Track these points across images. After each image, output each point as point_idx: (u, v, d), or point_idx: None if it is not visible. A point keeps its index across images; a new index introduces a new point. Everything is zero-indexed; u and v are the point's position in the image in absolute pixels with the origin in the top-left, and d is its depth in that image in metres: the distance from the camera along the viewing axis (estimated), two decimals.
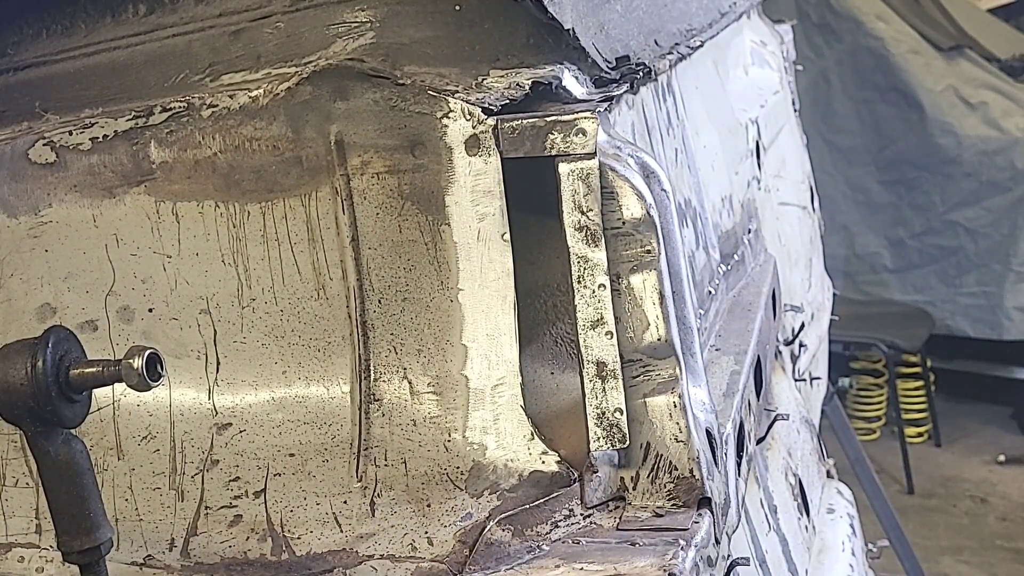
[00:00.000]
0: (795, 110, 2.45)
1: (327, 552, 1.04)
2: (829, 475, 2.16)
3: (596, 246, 0.99)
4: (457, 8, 1.00)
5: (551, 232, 1.02)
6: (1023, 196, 4.93)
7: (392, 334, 1.05)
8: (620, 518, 1.00)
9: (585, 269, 0.99)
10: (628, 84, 1.11)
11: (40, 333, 0.83)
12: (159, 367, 0.82)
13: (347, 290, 1.06)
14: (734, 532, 1.11)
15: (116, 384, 0.83)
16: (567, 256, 0.99)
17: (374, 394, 1.05)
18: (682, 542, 0.94)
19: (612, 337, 0.99)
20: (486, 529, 0.99)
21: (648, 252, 1.02)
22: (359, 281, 1.05)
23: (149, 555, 1.09)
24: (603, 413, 0.99)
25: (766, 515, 1.46)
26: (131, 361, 0.81)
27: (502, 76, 1.00)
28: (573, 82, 1.03)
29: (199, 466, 1.09)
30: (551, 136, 0.98)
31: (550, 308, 1.07)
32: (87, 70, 1.11)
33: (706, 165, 1.49)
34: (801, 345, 2.08)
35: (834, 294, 2.75)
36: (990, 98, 5.06)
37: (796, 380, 1.96)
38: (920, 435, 5.27)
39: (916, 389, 5.26)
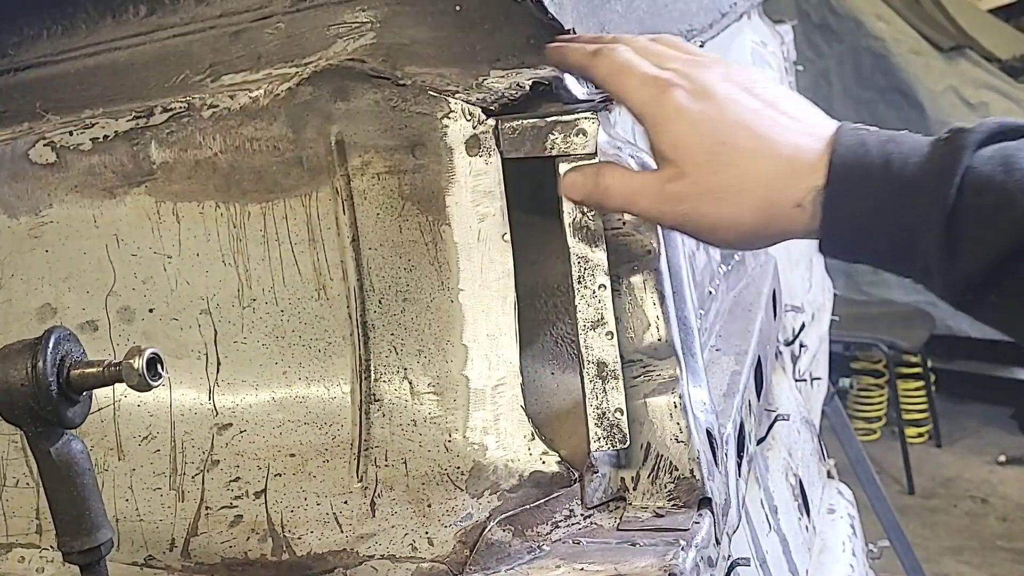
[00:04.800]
0: None
1: (327, 552, 1.04)
2: (830, 475, 2.17)
3: (596, 246, 0.99)
4: (457, 8, 1.00)
5: (551, 232, 1.02)
6: None
7: (392, 334, 1.05)
8: (620, 518, 1.00)
9: (585, 269, 0.99)
10: None
11: (41, 333, 0.83)
12: (159, 367, 0.82)
13: (347, 290, 1.06)
14: (735, 532, 1.11)
15: (117, 384, 0.83)
16: (567, 256, 0.99)
17: (374, 394, 1.05)
18: (683, 542, 0.94)
19: (612, 337, 0.99)
20: (486, 529, 0.99)
21: (648, 252, 1.03)
22: (359, 281, 1.05)
23: (150, 555, 1.09)
24: (603, 413, 0.99)
25: (766, 515, 1.46)
26: (131, 361, 0.81)
27: (502, 76, 1.00)
28: (574, 82, 1.03)
29: (200, 466, 1.09)
30: (551, 136, 0.98)
31: (550, 308, 1.07)
32: (87, 71, 1.11)
33: None
34: (802, 345, 2.08)
35: (835, 294, 2.75)
36: (990, 98, 5.06)
37: (797, 380, 1.96)
38: (921, 435, 5.27)
39: (917, 389, 5.27)
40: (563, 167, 0.98)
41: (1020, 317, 0.86)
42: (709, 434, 1.05)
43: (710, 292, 1.42)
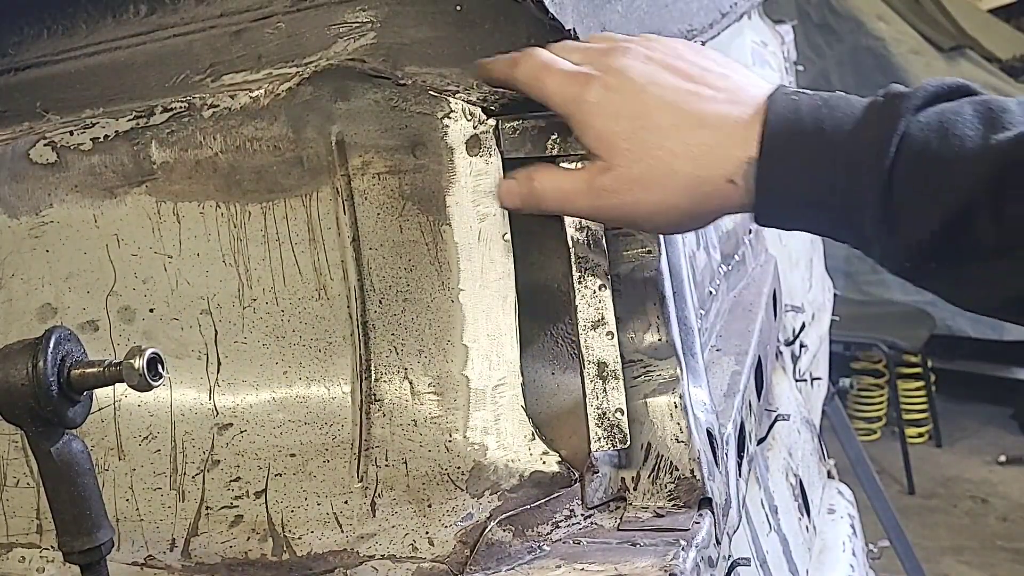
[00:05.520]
0: None
1: (328, 552, 1.04)
2: (830, 475, 2.17)
3: (597, 246, 0.99)
4: (458, 8, 1.00)
5: (551, 232, 1.02)
6: None
7: (393, 334, 1.05)
8: (621, 518, 1.00)
9: (586, 269, 0.99)
10: None
11: (41, 333, 0.83)
12: (160, 367, 0.82)
13: (348, 290, 1.06)
14: (735, 532, 1.11)
15: (117, 384, 0.82)
16: (568, 256, 0.99)
17: (375, 394, 1.05)
18: (683, 542, 0.94)
19: (613, 337, 0.99)
20: (487, 529, 0.99)
21: (649, 252, 1.03)
22: (360, 281, 1.05)
23: (150, 555, 1.09)
24: (604, 413, 0.99)
25: (767, 515, 1.46)
26: (132, 361, 0.81)
27: None
28: None
29: (200, 466, 1.09)
30: (552, 137, 0.98)
31: (550, 308, 1.07)
32: (88, 70, 1.11)
33: None
34: (802, 345, 2.08)
35: (835, 294, 2.75)
36: None
37: (797, 380, 1.96)
38: (921, 435, 5.27)
39: (917, 389, 5.27)
40: (564, 167, 0.98)
41: (960, 284, 0.85)
42: (709, 434, 1.05)
43: (710, 292, 1.42)
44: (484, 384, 1.03)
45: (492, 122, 1.00)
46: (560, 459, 1.02)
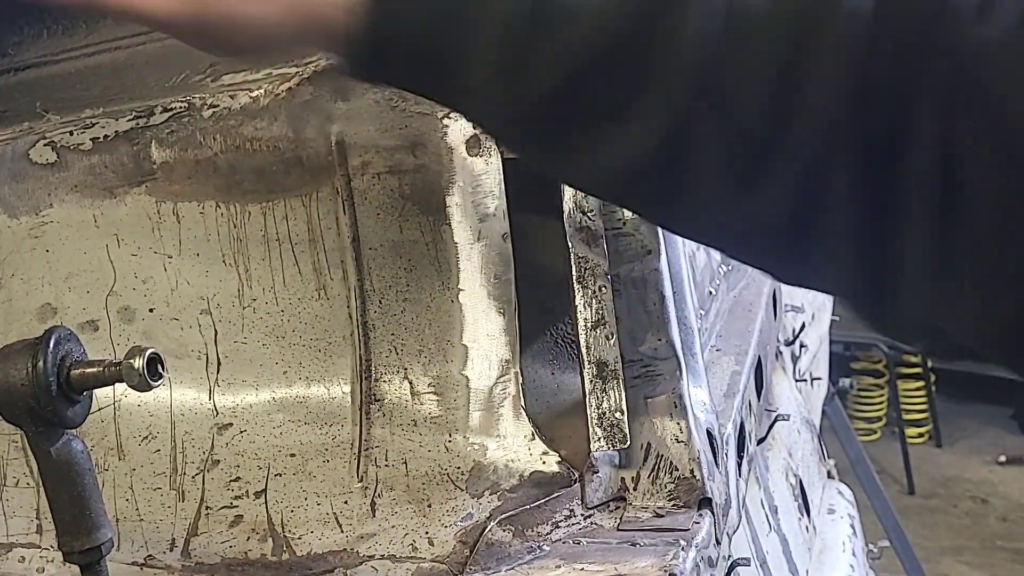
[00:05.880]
0: None
1: (328, 552, 1.04)
2: (830, 475, 2.16)
3: (596, 246, 0.99)
4: None
5: (551, 232, 1.02)
6: None
7: (393, 334, 1.05)
8: (621, 518, 1.00)
9: (586, 269, 0.99)
10: None
11: (41, 333, 0.83)
12: (160, 367, 0.82)
13: (348, 290, 1.06)
14: (735, 532, 1.11)
15: (117, 384, 0.82)
16: (567, 256, 0.99)
17: (375, 394, 1.05)
18: (683, 542, 0.94)
19: (613, 337, 0.99)
20: (487, 529, 0.99)
21: (648, 252, 1.02)
22: (360, 281, 1.05)
23: (150, 555, 1.09)
24: (604, 413, 0.99)
25: (767, 515, 1.46)
26: (132, 361, 0.81)
27: None
28: None
29: (200, 466, 1.09)
30: None
31: (550, 308, 1.07)
32: (88, 70, 1.11)
33: None
34: (802, 345, 2.08)
35: None
36: None
37: (797, 380, 1.96)
38: (921, 435, 5.27)
39: (917, 389, 5.27)
40: None
41: (567, 154, 0.72)
42: (709, 434, 1.04)
43: (710, 292, 1.42)
44: (484, 384, 1.03)
45: None
46: (560, 459, 1.02)
